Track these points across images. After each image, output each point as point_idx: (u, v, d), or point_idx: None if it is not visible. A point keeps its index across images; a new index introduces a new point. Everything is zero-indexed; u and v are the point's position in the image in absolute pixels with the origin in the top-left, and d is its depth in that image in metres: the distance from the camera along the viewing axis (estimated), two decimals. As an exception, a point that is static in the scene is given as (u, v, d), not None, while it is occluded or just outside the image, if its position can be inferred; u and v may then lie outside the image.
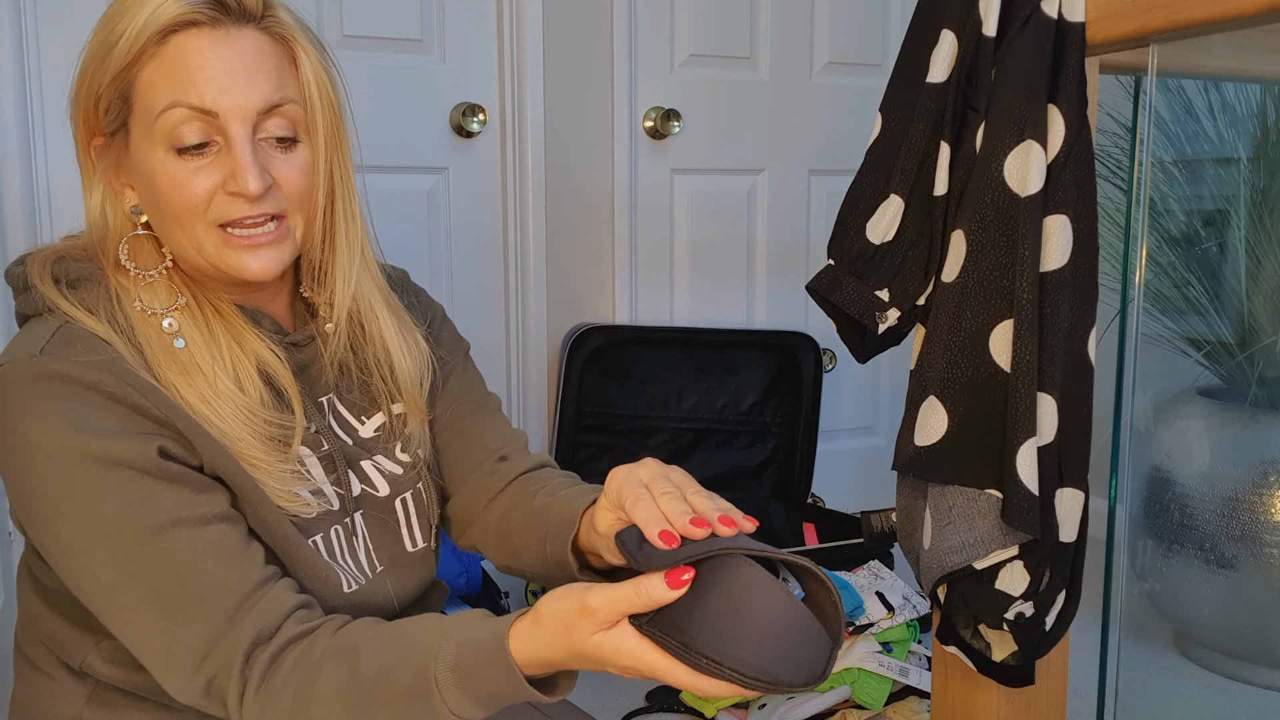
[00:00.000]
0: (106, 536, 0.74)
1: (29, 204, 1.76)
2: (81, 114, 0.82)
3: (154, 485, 0.75)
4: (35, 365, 0.75)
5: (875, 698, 1.54)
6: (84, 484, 0.74)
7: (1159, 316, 1.84)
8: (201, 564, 0.75)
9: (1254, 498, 1.59)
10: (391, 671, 0.72)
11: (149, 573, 0.74)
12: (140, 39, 0.78)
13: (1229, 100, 1.77)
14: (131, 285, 0.82)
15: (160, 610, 0.74)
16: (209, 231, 0.79)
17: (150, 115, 0.78)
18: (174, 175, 0.78)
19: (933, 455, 0.85)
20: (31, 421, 0.74)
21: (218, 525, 0.76)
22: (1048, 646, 0.86)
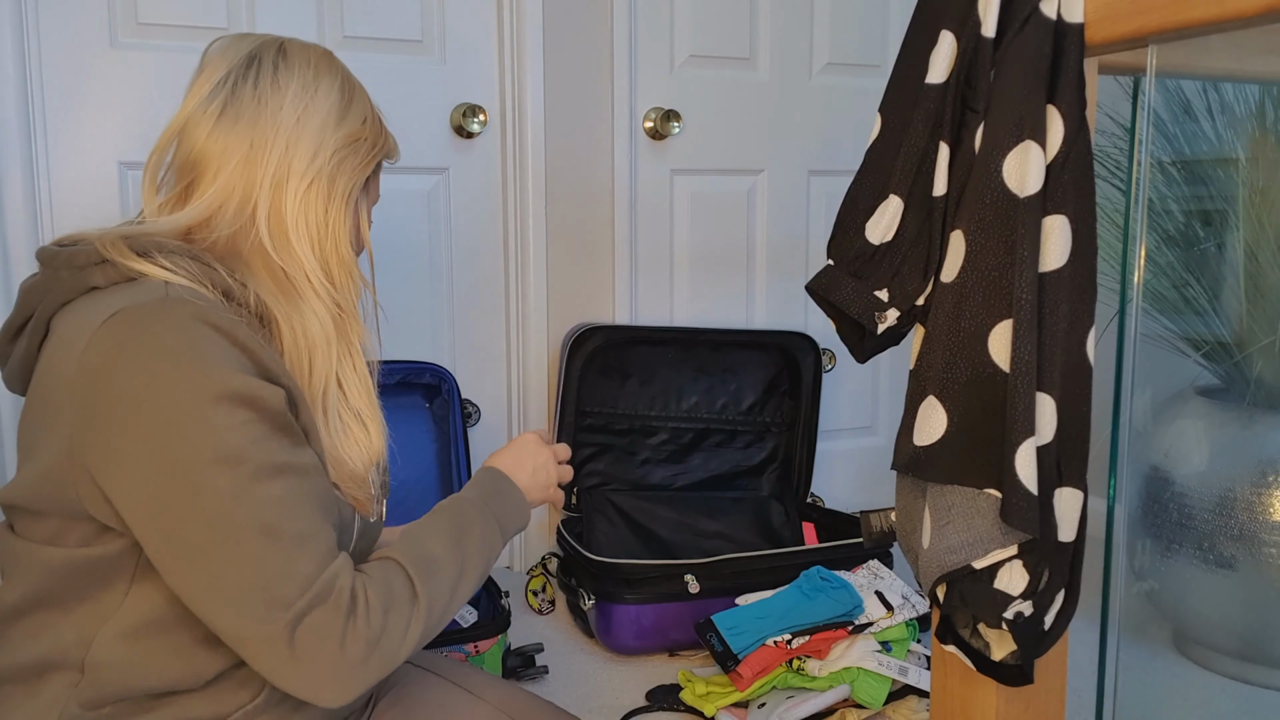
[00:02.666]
0: (228, 467, 0.78)
1: (30, 204, 1.76)
2: (373, 139, 0.99)
3: (269, 430, 0.81)
4: (169, 304, 0.81)
5: (875, 697, 1.55)
6: (214, 416, 0.78)
7: (1158, 316, 1.84)
8: (305, 507, 0.81)
9: (1252, 497, 1.59)
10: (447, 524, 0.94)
11: (262, 505, 0.78)
12: (382, 159, 1.03)
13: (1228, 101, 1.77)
14: (345, 292, 0.96)
15: (270, 540, 0.78)
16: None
17: (375, 192, 1.04)
18: (366, 229, 1.03)
19: (932, 455, 0.85)
20: (164, 350, 0.78)
21: (314, 478, 0.84)
22: (1047, 646, 0.86)
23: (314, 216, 0.93)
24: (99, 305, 0.82)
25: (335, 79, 0.97)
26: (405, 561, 0.87)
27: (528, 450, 1.08)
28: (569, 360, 2.11)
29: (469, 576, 0.93)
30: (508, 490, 1.03)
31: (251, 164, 0.92)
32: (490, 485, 1.02)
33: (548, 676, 1.73)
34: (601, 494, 2.16)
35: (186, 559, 0.78)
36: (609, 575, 1.81)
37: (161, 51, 1.85)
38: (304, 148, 0.93)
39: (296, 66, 0.95)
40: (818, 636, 1.59)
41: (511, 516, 1.01)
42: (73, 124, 1.80)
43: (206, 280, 0.86)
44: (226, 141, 0.92)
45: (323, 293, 0.93)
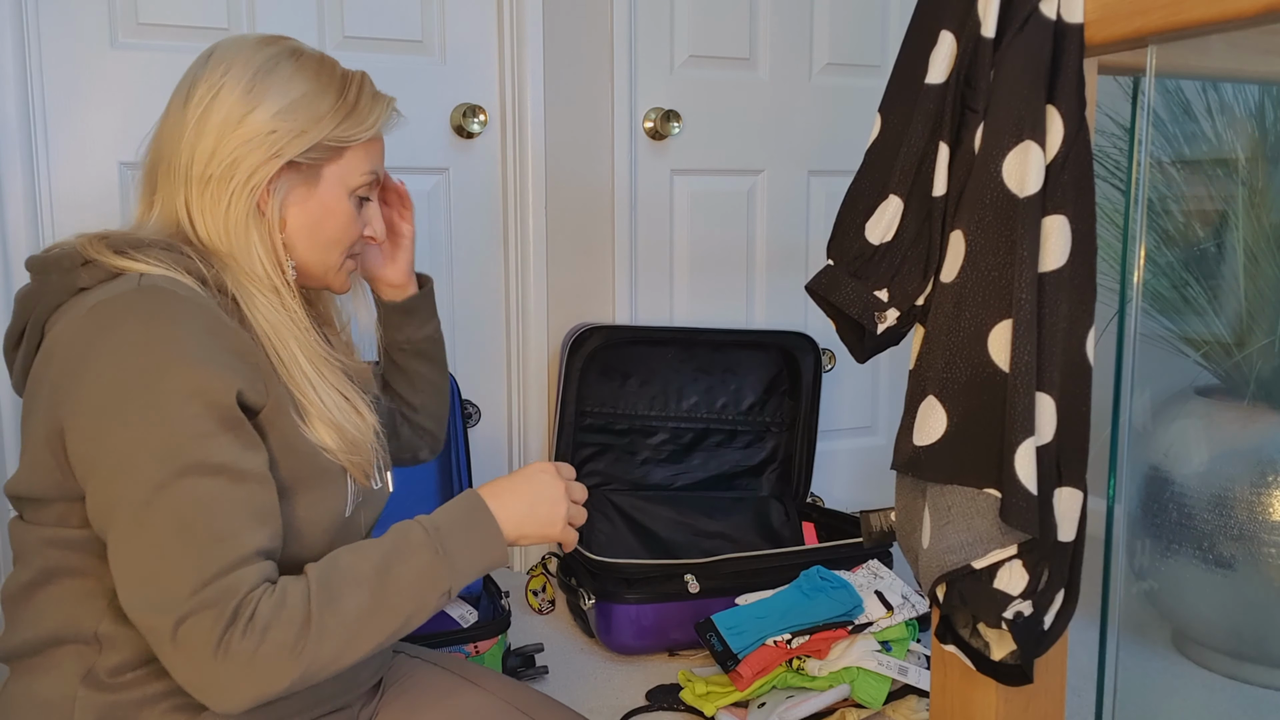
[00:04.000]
0: (158, 457, 0.81)
1: (30, 204, 1.76)
2: (282, 138, 0.96)
3: (216, 427, 0.83)
4: (138, 293, 0.85)
5: (875, 696, 1.55)
6: (160, 401, 0.81)
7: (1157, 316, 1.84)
8: (228, 511, 0.82)
9: (1252, 497, 1.59)
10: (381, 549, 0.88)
11: (183, 501, 0.80)
12: (375, 129, 1.02)
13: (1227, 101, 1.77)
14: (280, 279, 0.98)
15: (179, 535, 0.80)
16: (342, 256, 1.04)
17: (354, 172, 1.01)
18: (349, 216, 1.03)
19: (932, 455, 0.85)
20: (130, 334, 0.82)
21: (252, 485, 0.85)
22: (1046, 645, 0.86)
23: (223, 216, 0.95)
24: (83, 303, 0.87)
25: (243, 76, 0.96)
26: (314, 579, 0.84)
27: (532, 481, 0.97)
28: (569, 360, 2.11)
29: (388, 613, 0.85)
30: (479, 523, 0.92)
31: (170, 172, 0.97)
32: (458, 515, 0.92)
33: (548, 676, 1.73)
34: (601, 494, 2.16)
35: (111, 535, 0.82)
36: (609, 575, 1.81)
37: (161, 51, 1.85)
38: (201, 150, 0.95)
39: (208, 70, 0.97)
40: (817, 636, 1.59)
41: (473, 553, 0.91)
42: (73, 124, 1.80)
43: (181, 268, 0.91)
44: (158, 150, 0.98)
45: (260, 281, 0.96)
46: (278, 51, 0.98)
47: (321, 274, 1.03)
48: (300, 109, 0.97)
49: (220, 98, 0.95)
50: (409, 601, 0.86)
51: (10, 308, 1.72)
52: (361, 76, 1.03)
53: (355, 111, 1.00)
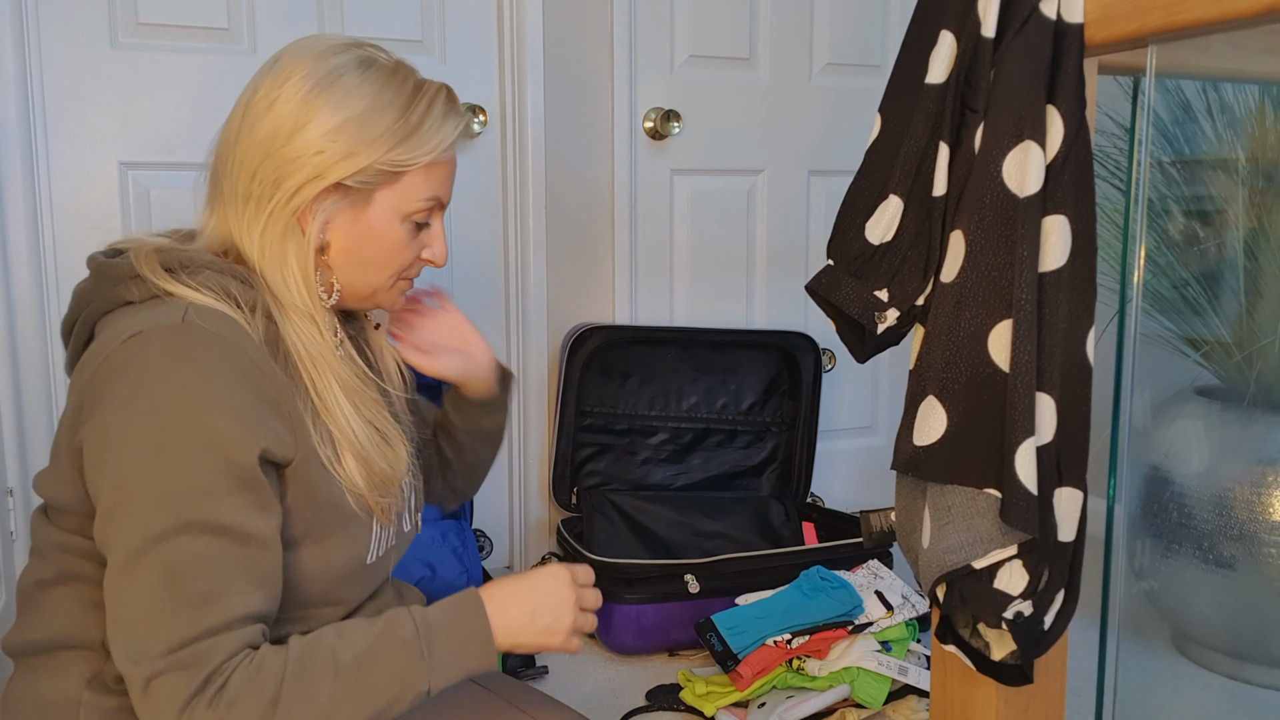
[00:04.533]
0: (161, 506, 0.79)
1: (30, 204, 1.76)
2: (328, 155, 0.90)
3: (229, 485, 0.81)
4: (177, 331, 0.83)
5: (875, 696, 1.55)
6: (174, 448, 0.80)
7: (1157, 316, 1.84)
8: (222, 572, 0.80)
9: (1252, 497, 1.59)
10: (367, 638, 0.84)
11: (177, 557, 0.79)
12: (437, 151, 0.95)
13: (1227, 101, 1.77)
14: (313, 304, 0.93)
15: (166, 591, 0.79)
16: (394, 279, 0.98)
17: (410, 197, 0.95)
18: (402, 240, 0.96)
19: (932, 455, 0.85)
20: (159, 372, 0.81)
21: (253, 548, 0.83)
22: (1046, 645, 0.86)
23: (260, 236, 0.91)
24: (127, 321, 0.85)
25: (302, 88, 0.90)
26: (292, 658, 0.81)
27: (540, 586, 0.92)
28: (569, 360, 2.11)
29: (359, 705, 0.82)
30: (473, 629, 0.88)
31: (222, 181, 0.93)
32: (452, 617, 0.88)
33: (548, 676, 1.73)
34: (601, 494, 2.16)
35: (108, 570, 0.81)
36: (609, 575, 1.81)
37: (161, 51, 1.85)
38: (246, 164, 0.91)
39: (272, 75, 0.91)
40: (817, 636, 1.59)
41: (460, 659, 0.87)
42: (73, 124, 1.80)
43: (229, 295, 0.88)
44: (217, 154, 0.95)
45: (299, 308, 0.91)
46: (345, 61, 0.91)
47: (369, 294, 0.98)
48: (353, 129, 0.90)
49: (275, 109, 0.89)
50: (382, 698, 0.83)
51: (9, 308, 1.73)
52: (435, 92, 0.95)
53: (416, 134, 0.92)
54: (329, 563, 0.91)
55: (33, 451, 1.78)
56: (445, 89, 0.97)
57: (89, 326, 0.90)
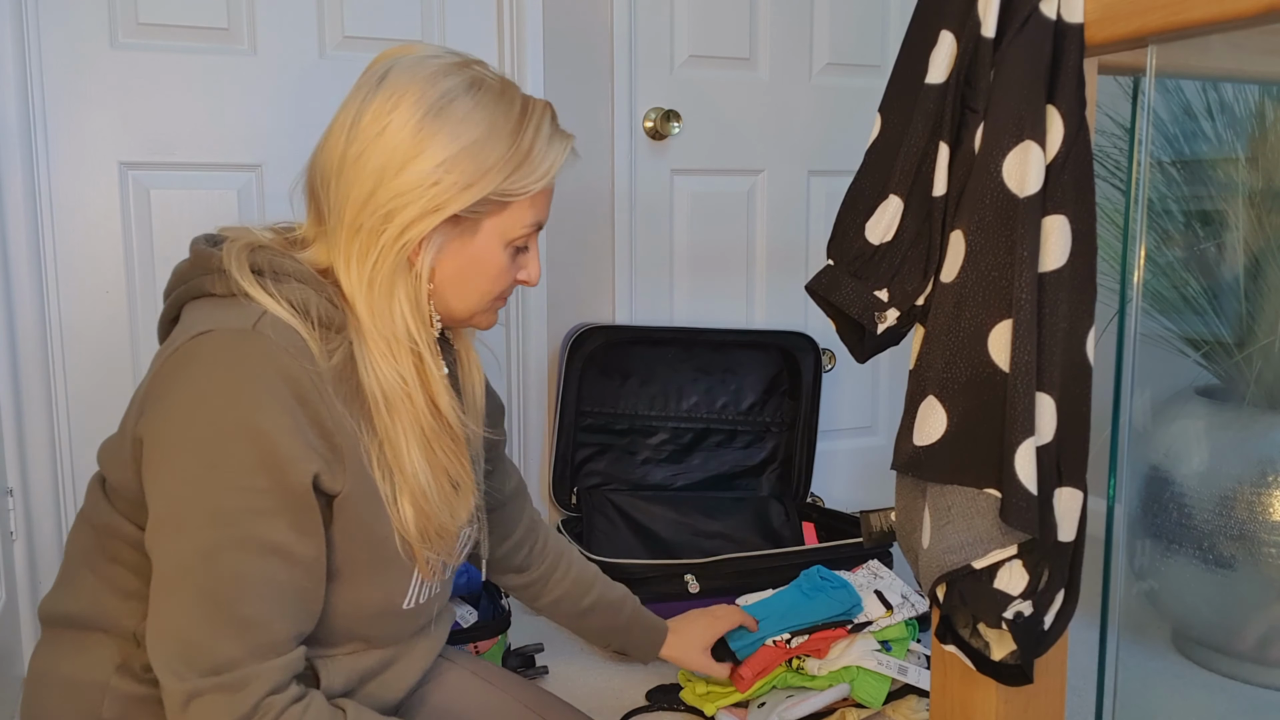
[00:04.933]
0: (211, 521, 0.79)
1: (30, 204, 1.76)
2: (442, 188, 0.87)
3: (278, 505, 0.80)
4: (245, 337, 0.81)
5: (874, 695, 1.54)
6: (230, 466, 0.79)
7: (1157, 316, 1.84)
8: (268, 595, 0.80)
9: (1252, 497, 1.59)
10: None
11: (224, 575, 0.79)
12: (547, 178, 0.92)
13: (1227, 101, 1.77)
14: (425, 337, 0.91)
15: (212, 608, 0.78)
16: (491, 300, 0.96)
17: (517, 224, 0.92)
18: (504, 264, 0.94)
19: (932, 455, 0.85)
20: (221, 382, 0.80)
21: (299, 570, 0.82)
22: (1046, 645, 0.86)
23: (369, 270, 0.87)
24: (202, 315, 0.85)
25: (414, 114, 0.86)
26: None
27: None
28: (569, 360, 2.11)
29: None
30: None
31: (328, 201, 0.89)
32: None
33: (548, 676, 1.73)
34: (601, 494, 2.16)
35: (155, 577, 0.81)
36: (609, 575, 1.81)
37: (161, 51, 1.85)
38: (356, 194, 0.87)
39: (379, 97, 0.87)
40: (817, 635, 1.59)
41: None
42: (72, 124, 1.80)
43: (309, 311, 0.86)
44: (322, 170, 0.90)
45: (389, 344, 0.88)
46: (455, 85, 0.88)
47: (466, 317, 0.97)
48: (469, 158, 0.87)
49: (386, 135, 0.86)
50: None
51: (9, 308, 1.73)
52: (541, 114, 0.92)
53: (528, 161, 0.90)
54: (358, 602, 0.90)
55: (33, 452, 1.78)
56: (549, 110, 0.94)
57: (177, 307, 0.90)
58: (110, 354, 1.84)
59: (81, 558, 0.91)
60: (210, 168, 1.88)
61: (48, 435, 1.79)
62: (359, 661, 0.93)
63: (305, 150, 1.93)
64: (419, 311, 0.90)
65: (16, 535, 1.74)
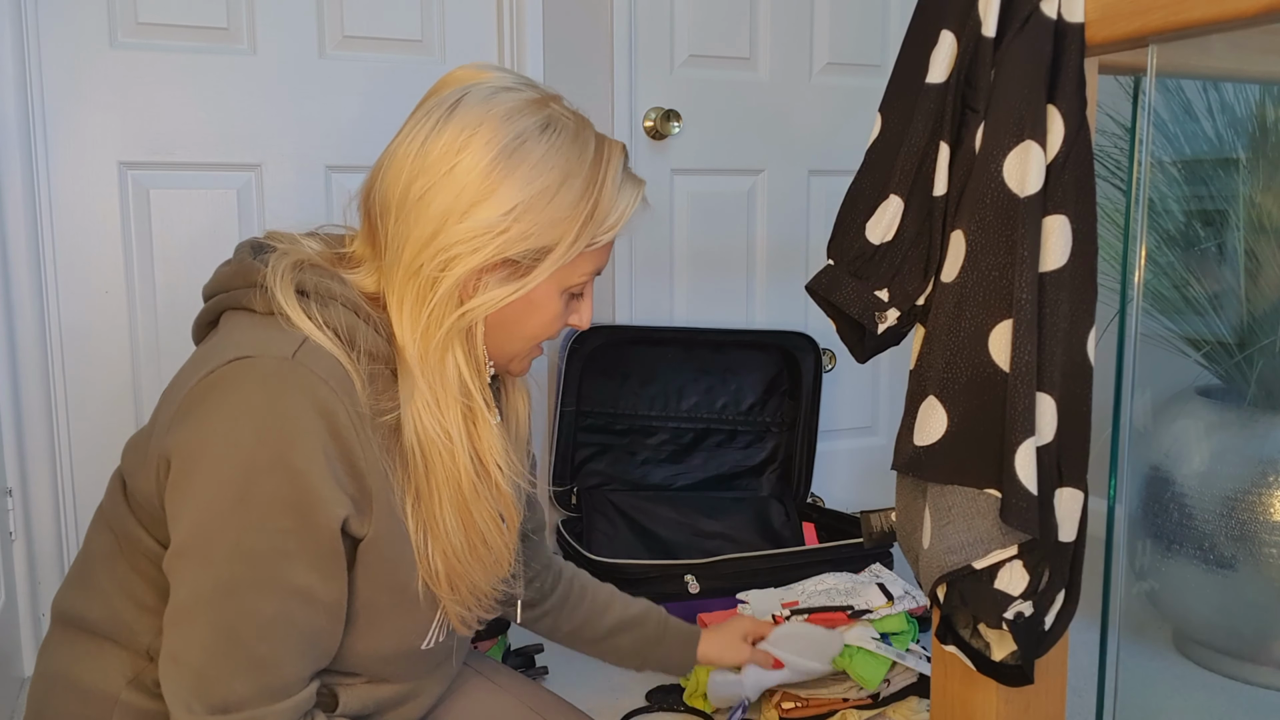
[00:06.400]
0: (235, 558, 0.77)
1: (30, 204, 1.76)
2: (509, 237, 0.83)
3: (303, 547, 0.78)
4: (285, 367, 0.78)
5: (871, 677, 1.53)
6: (260, 510, 0.76)
7: (1158, 316, 1.84)
8: (285, 636, 0.79)
9: (1253, 497, 1.59)
10: None
11: (244, 613, 0.77)
12: (615, 230, 0.88)
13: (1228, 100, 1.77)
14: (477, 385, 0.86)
15: (229, 644, 0.77)
16: (536, 346, 0.92)
17: (577, 273, 0.88)
18: (557, 312, 0.90)
19: (932, 455, 0.85)
20: (258, 414, 0.76)
21: (319, 612, 0.81)
22: (1047, 646, 0.86)
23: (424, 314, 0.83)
24: (242, 335, 0.81)
25: (487, 153, 0.81)
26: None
27: None
28: (569, 360, 2.10)
29: None
30: None
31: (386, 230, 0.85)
32: None
33: (548, 676, 1.73)
34: (601, 494, 2.16)
35: (173, 602, 0.79)
36: (609, 575, 1.81)
37: (161, 51, 1.84)
38: (417, 234, 0.82)
39: (450, 128, 0.82)
40: (815, 618, 1.59)
41: None
42: (73, 124, 1.80)
43: (355, 341, 0.82)
44: (382, 195, 0.85)
45: (436, 395, 0.83)
46: (530, 126, 0.83)
47: (504, 363, 0.92)
48: (539, 207, 0.82)
49: (454, 175, 0.81)
50: None
51: (9, 308, 1.73)
52: (615, 159, 0.87)
53: (598, 211, 0.85)
54: (376, 644, 0.88)
55: (32, 451, 1.78)
56: (623, 154, 0.89)
57: (215, 313, 0.87)
58: (110, 354, 1.84)
59: (100, 560, 0.90)
60: (210, 168, 1.88)
61: (47, 435, 1.79)
62: (377, 691, 0.93)
63: (305, 150, 1.93)
64: (473, 361, 0.85)
65: (16, 535, 1.74)
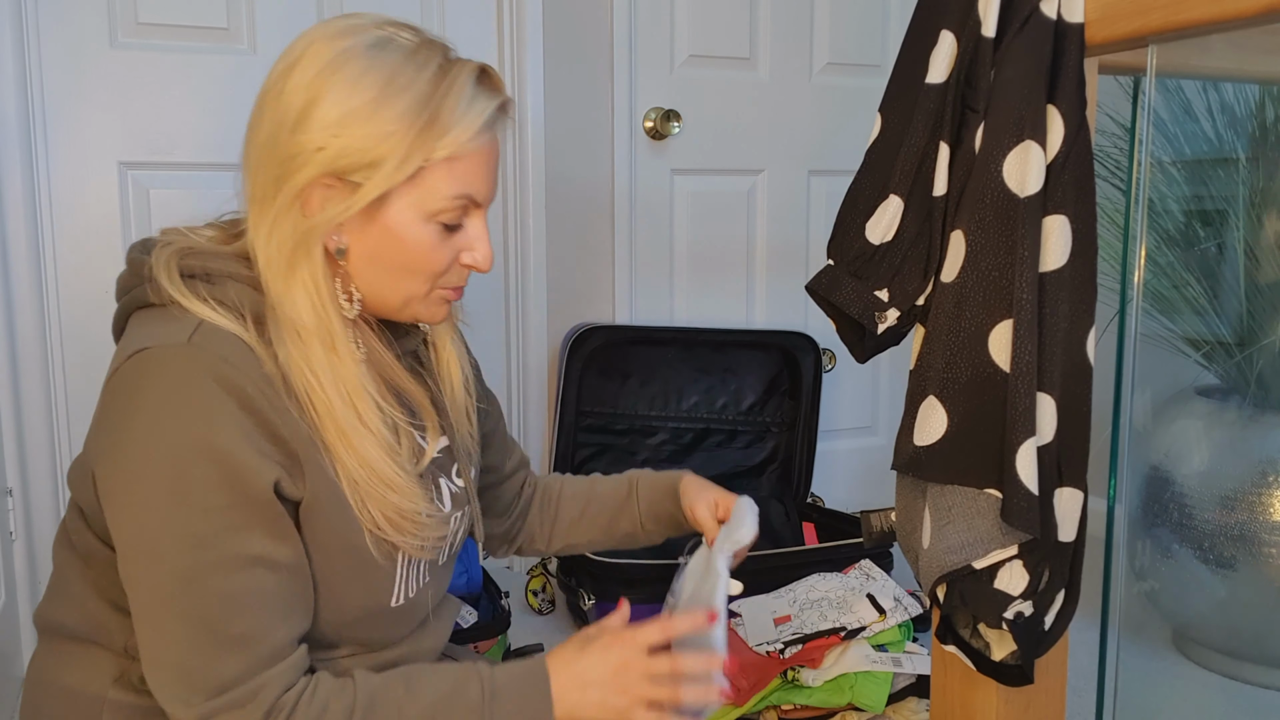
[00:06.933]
0: (185, 546, 0.76)
1: (29, 204, 1.76)
2: (331, 153, 0.80)
3: (247, 518, 0.77)
4: (185, 352, 0.77)
5: (876, 699, 1.54)
6: (194, 490, 0.75)
7: (1158, 316, 1.84)
8: (259, 605, 0.78)
9: (1253, 497, 1.59)
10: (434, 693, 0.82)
11: (211, 597, 0.76)
12: (459, 142, 0.81)
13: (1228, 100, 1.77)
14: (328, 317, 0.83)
15: (206, 633, 0.76)
16: (430, 288, 0.87)
17: (434, 195, 0.82)
18: (429, 243, 0.84)
19: (932, 455, 0.85)
20: (167, 404, 0.76)
21: (285, 575, 0.80)
22: (1047, 646, 0.86)
23: (269, 241, 0.81)
24: (139, 331, 0.81)
25: (308, 73, 0.79)
26: (360, 701, 0.80)
27: (611, 662, 0.86)
28: (569, 360, 2.10)
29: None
30: (533, 699, 0.84)
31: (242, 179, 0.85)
32: (518, 689, 0.84)
33: (548, 676, 1.73)
34: (601, 494, 2.16)
35: (136, 607, 0.79)
36: (609, 575, 1.80)
37: (161, 51, 1.84)
38: (252, 161, 0.82)
39: (282, 59, 0.82)
40: (810, 645, 1.59)
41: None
42: (73, 124, 1.80)
43: (245, 312, 0.81)
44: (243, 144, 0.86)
45: (306, 325, 0.81)
46: (356, 43, 0.80)
47: (400, 305, 0.87)
48: (363, 118, 0.79)
49: (281, 99, 0.80)
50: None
51: (9, 308, 1.73)
52: (462, 73, 0.82)
53: (435, 124, 0.80)
54: (341, 608, 0.87)
55: (32, 451, 1.78)
56: (477, 68, 0.83)
57: (123, 318, 0.87)
58: (109, 354, 1.83)
59: (69, 570, 0.90)
60: (210, 168, 1.88)
61: (47, 435, 1.79)
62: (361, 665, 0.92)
63: (305, 150, 1.93)
64: (320, 289, 0.82)
65: (16, 536, 1.74)
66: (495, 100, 0.83)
